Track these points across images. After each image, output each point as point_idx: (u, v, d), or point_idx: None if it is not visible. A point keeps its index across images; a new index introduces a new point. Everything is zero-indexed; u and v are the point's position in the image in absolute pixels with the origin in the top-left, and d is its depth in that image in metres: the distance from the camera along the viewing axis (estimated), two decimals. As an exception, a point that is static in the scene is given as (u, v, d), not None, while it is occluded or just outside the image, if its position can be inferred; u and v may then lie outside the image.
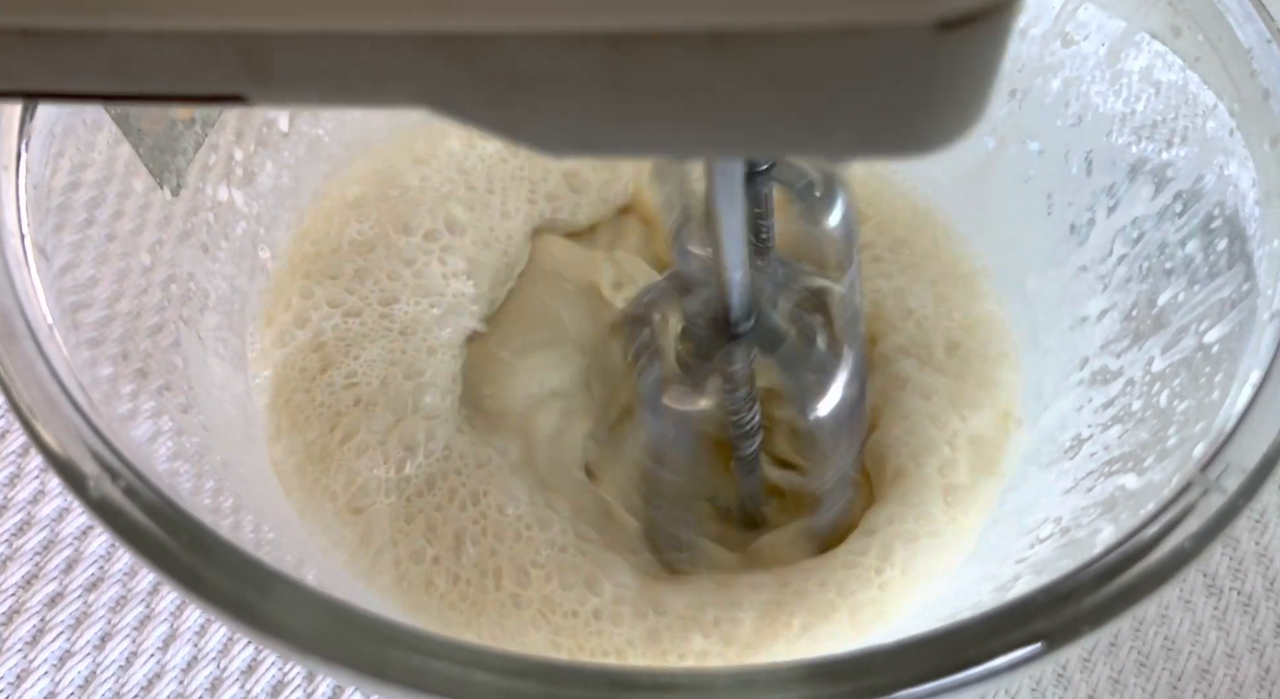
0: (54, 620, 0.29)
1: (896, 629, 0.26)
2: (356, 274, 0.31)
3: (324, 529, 0.27)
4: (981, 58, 0.11)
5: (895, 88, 0.11)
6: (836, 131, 0.12)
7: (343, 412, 0.28)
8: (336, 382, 0.29)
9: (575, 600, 0.26)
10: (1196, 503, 0.17)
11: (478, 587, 0.27)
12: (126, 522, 0.16)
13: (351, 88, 0.12)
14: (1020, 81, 0.31)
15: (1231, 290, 0.22)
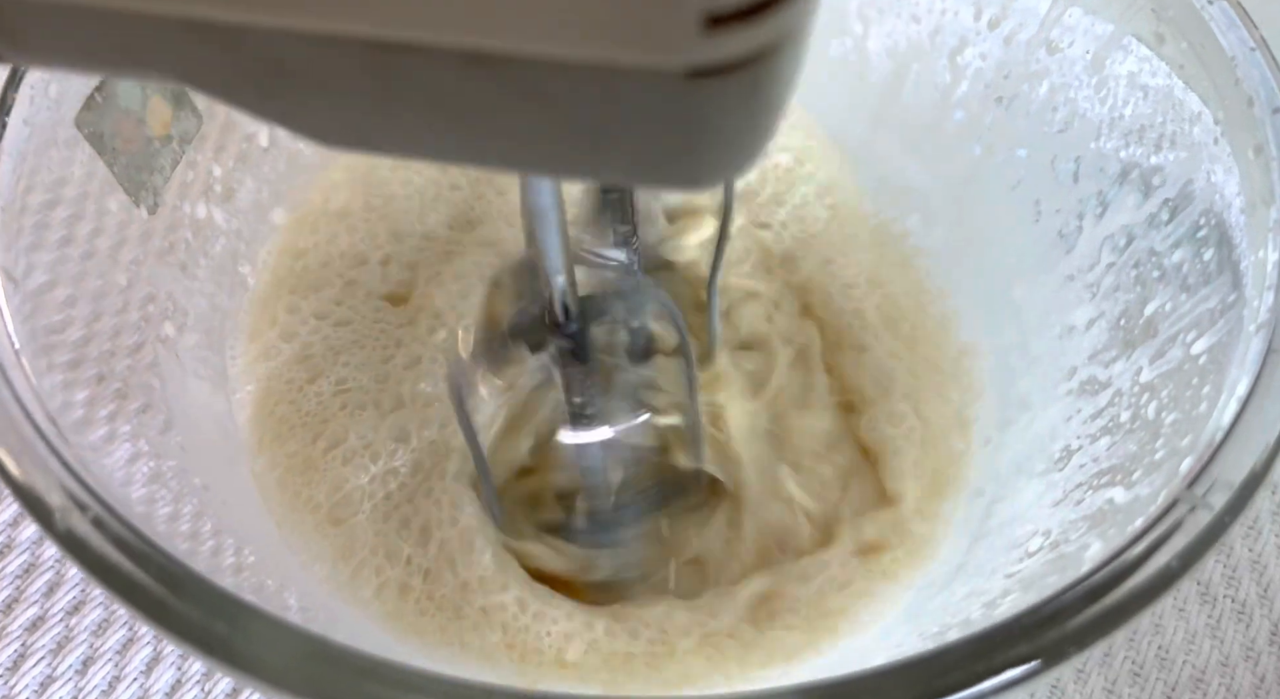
0: (35, 645, 0.29)
1: (884, 644, 0.25)
2: (349, 285, 0.31)
3: (304, 543, 0.27)
4: (744, 103, 0.11)
5: (657, 125, 0.11)
6: (604, 159, 0.12)
7: (329, 418, 0.28)
8: (325, 389, 0.29)
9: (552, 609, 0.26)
10: (1183, 520, 0.17)
11: (456, 594, 0.26)
12: (93, 555, 0.16)
13: (104, 59, 0.12)
14: (1006, 88, 0.31)
15: (1218, 300, 0.22)
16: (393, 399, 0.29)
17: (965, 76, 0.31)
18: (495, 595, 0.26)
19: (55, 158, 0.26)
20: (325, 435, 0.28)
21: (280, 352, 0.30)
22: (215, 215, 0.30)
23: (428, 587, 0.26)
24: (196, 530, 0.25)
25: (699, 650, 0.25)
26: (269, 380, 0.29)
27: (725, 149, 0.11)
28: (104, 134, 0.25)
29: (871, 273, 0.33)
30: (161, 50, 0.11)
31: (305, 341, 0.29)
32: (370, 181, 0.33)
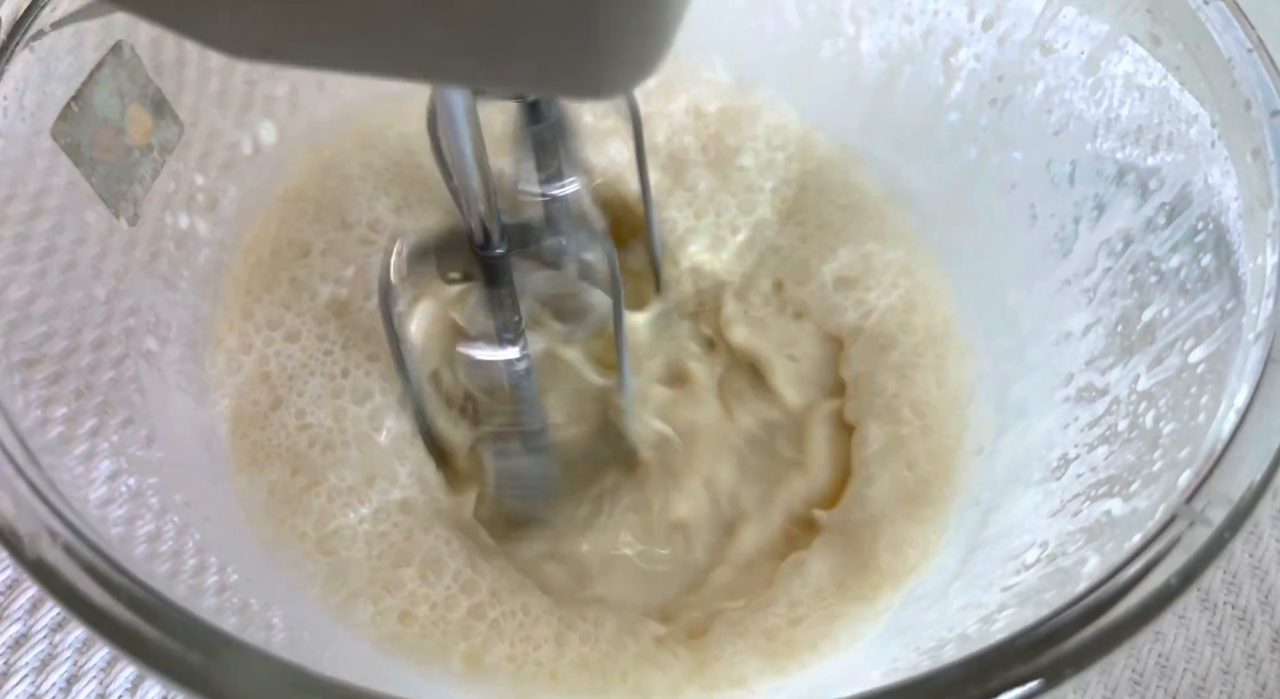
0: (18, 663, 0.29)
1: (879, 658, 0.25)
2: (293, 284, 0.30)
3: (294, 567, 0.26)
4: (643, 9, 0.11)
5: (555, 26, 0.11)
6: (512, 63, 0.12)
7: (300, 454, 0.27)
8: (288, 421, 0.28)
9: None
10: (1181, 536, 0.17)
11: (463, 617, 0.26)
12: (64, 583, 0.15)
13: None
14: (1001, 90, 0.30)
15: (1216, 307, 0.21)
16: (357, 439, 0.28)
17: (959, 78, 0.31)
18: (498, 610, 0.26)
19: (37, 168, 0.26)
20: (302, 471, 0.27)
21: (242, 365, 0.29)
22: (198, 225, 0.29)
23: (434, 614, 0.26)
24: (179, 548, 0.24)
25: (653, 659, 0.25)
26: (238, 398, 0.29)
27: (624, 53, 0.12)
28: (81, 144, 0.25)
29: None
30: None
31: (261, 355, 0.29)
32: (330, 164, 0.32)
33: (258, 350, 0.29)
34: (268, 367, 0.29)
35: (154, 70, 0.27)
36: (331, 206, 0.31)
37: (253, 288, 0.30)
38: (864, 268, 0.32)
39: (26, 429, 0.19)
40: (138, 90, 0.26)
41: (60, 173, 0.25)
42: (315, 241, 0.31)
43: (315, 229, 0.31)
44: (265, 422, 0.28)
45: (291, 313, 0.30)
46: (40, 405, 0.24)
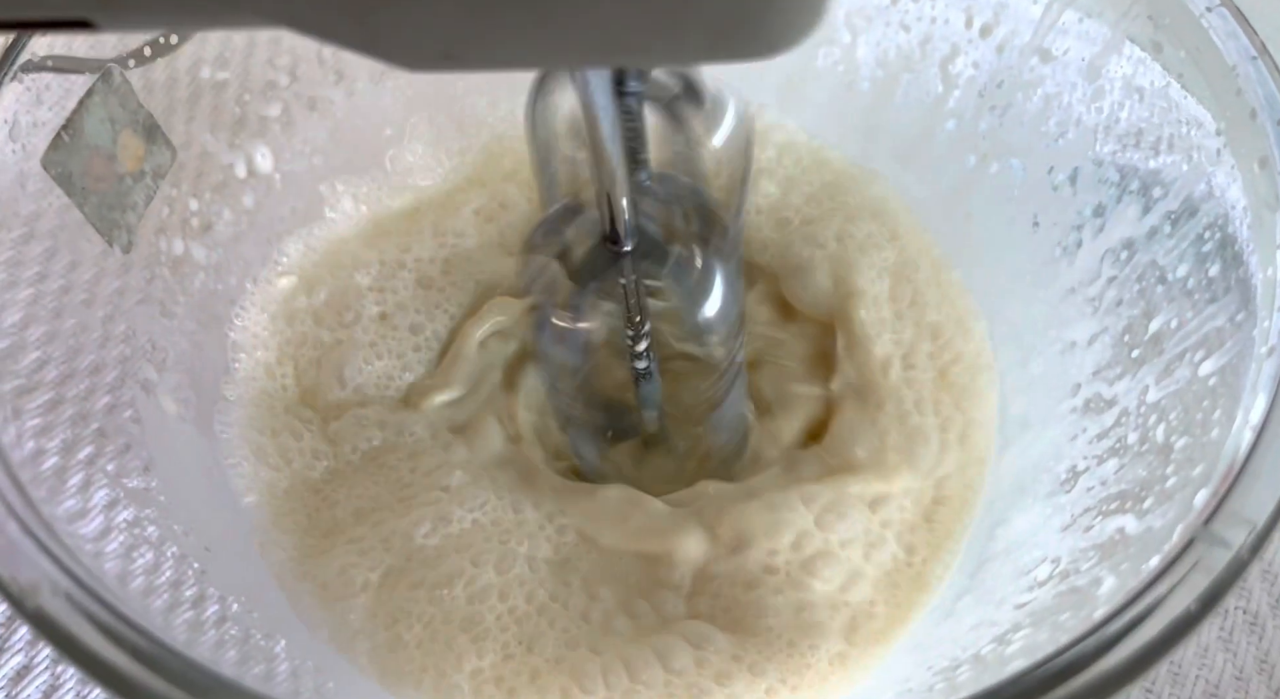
0: (21, 696, 0.28)
1: (891, 679, 0.25)
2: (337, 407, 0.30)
3: (305, 614, 0.26)
4: None
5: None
6: (689, 33, 0.12)
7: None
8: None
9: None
10: (1201, 559, 0.16)
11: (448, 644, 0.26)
12: (65, 635, 0.15)
13: (200, 6, 0.12)
14: (1000, 97, 0.30)
15: (1226, 319, 0.21)
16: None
17: (957, 85, 0.31)
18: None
19: (29, 196, 0.25)
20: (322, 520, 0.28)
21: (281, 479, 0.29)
22: (193, 250, 0.29)
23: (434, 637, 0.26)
24: (179, 579, 0.24)
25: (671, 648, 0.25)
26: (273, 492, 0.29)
27: (798, 6, 0.12)
28: (73, 174, 0.24)
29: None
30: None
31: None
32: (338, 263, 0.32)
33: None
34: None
35: (144, 94, 0.27)
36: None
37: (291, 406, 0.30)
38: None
39: (20, 462, 0.19)
40: (129, 116, 0.26)
41: (52, 201, 0.25)
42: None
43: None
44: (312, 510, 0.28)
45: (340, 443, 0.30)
46: (35, 435, 0.24)
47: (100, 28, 0.12)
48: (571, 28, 0.12)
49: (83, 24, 0.12)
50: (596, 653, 0.25)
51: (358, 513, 0.27)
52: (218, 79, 0.30)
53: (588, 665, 0.25)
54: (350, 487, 0.28)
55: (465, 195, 0.33)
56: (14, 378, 0.25)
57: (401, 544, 0.27)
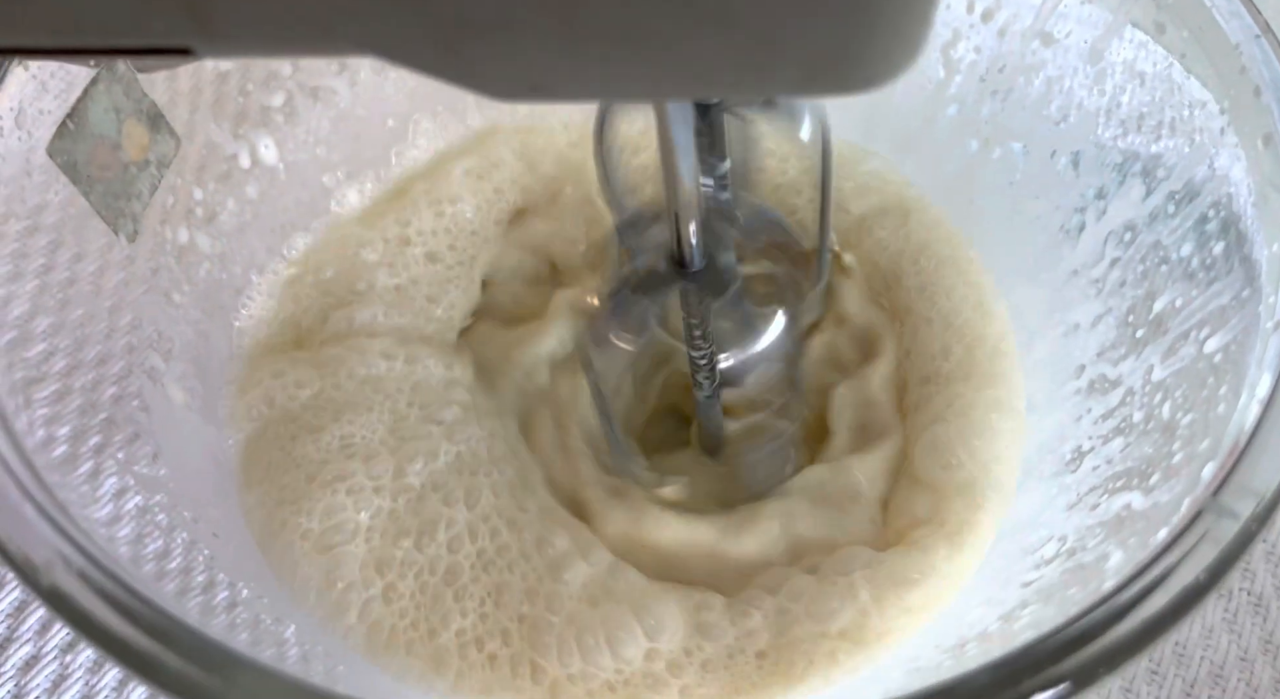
0: (30, 686, 0.28)
1: (899, 657, 0.25)
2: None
3: (292, 570, 0.26)
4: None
5: (836, 20, 0.11)
6: (783, 69, 0.12)
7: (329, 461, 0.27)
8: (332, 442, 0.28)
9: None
10: (1209, 531, 0.16)
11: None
12: (79, 611, 0.15)
13: (297, 37, 0.12)
14: (1002, 82, 0.30)
15: (1231, 296, 0.21)
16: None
17: (959, 70, 0.31)
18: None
19: (34, 185, 0.25)
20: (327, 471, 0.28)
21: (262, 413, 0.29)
22: (198, 240, 0.29)
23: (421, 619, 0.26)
24: (188, 566, 0.24)
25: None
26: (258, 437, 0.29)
27: (898, 41, 0.12)
28: (78, 162, 0.24)
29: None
30: (350, 19, 0.11)
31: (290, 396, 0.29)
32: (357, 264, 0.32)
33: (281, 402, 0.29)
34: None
35: (147, 83, 0.27)
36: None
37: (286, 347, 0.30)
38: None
39: (32, 449, 0.19)
40: (133, 105, 0.26)
41: (58, 190, 0.25)
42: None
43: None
44: (290, 445, 0.28)
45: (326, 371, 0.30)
46: (44, 424, 0.24)
47: (199, 56, 0.12)
48: (662, 63, 0.12)
49: (181, 52, 0.12)
50: (552, 612, 0.25)
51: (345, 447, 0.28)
52: (220, 69, 0.30)
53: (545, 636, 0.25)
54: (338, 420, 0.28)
55: (454, 161, 0.33)
56: (23, 368, 0.25)
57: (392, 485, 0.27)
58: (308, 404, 0.28)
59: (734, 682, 0.24)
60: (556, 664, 0.24)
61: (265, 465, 0.27)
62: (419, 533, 0.26)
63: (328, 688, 0.15)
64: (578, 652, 0.24)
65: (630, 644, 0.24)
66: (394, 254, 0.32)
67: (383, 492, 0.26)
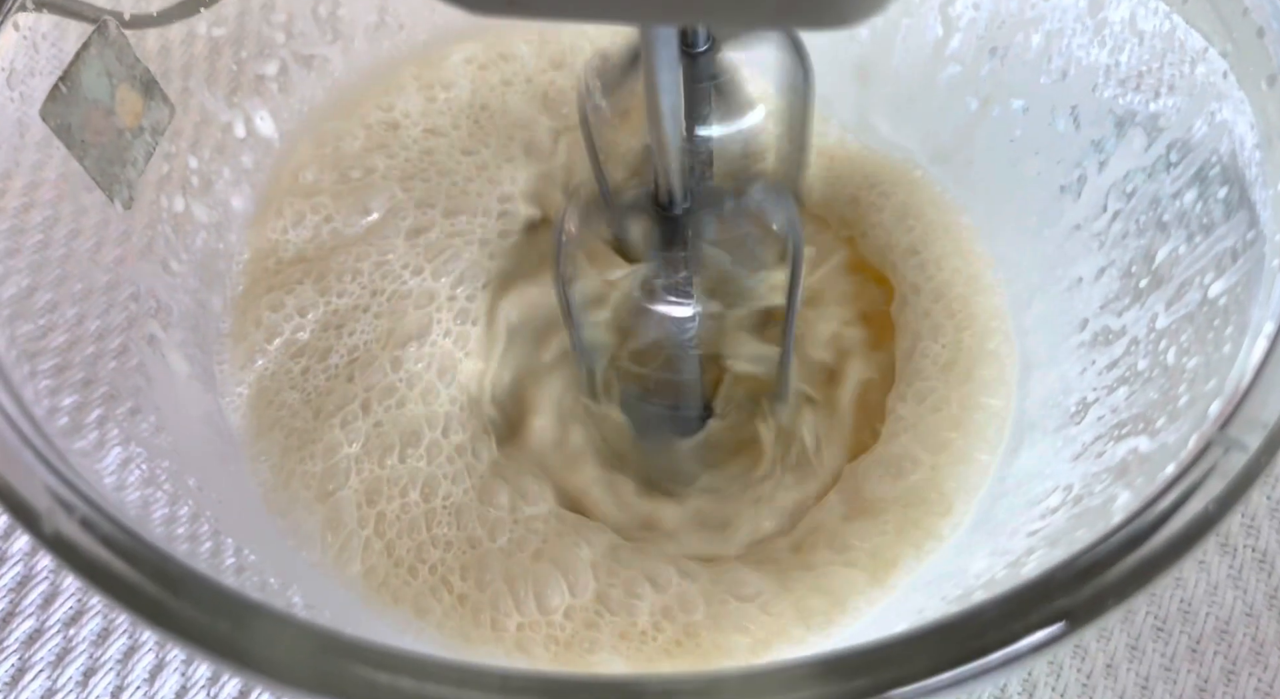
0: (34, 659, 0.28)
1: (904, 610, 0.25)
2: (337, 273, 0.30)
3: (296, 523, 0.26)
4: None
5: None
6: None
7: (332, 390, 0.27)
8: (329, 366, 0.28)
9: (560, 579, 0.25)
10: (1218, 463, 0.16)
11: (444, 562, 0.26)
12: (85, 558, 0.15)
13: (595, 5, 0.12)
14: (1000, 38, 0.30)
15: (1235, 239, 0.21)
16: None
17: (958, 28, 0.31)
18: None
19: (27, 161, 0.25)
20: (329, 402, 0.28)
21: (265, 351, 0.29)
22: (194, 209, 0.29)
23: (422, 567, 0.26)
24: (194, 533, 0.24)
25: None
26: (261, 379, 0.28)
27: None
28: (72, 126, 0.24)
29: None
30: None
31: (296, 329, 0.29)
32: (339, 157, 0.31)
33: (288, 335, 0.29)
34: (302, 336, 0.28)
35: (140, 50, 0.27)
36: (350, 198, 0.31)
37: (275, 286, 0.30)
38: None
39: (39, 417, 0.19)
40: (125, 70, 0.26)
41: (54, 157, 0.25)
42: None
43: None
44: (297, 382, 0.28)
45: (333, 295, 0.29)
46: (48, 395, 0.24)
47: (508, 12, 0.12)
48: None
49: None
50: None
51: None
52: (214, 36, 0.30)
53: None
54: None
55: (455, 46, 0.33)
56: (25, 340, 0.24)
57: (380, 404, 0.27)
58: (316, 328, 0.28)
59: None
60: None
61: (275, 411, 0.27)
62: (402, 446, 0.26)
63: (336, 628, 0.15)
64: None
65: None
66: (382, 136, 0.31)
67: (371, 409, 0.26)
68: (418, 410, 0.27)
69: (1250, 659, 0.30)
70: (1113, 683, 0.29)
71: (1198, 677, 0.29)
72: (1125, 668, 0.29)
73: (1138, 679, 0.29)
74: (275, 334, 0.28)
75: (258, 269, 0.30)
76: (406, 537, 0.26)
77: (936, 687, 0.15)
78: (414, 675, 0.15)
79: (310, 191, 0.30)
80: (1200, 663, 0.30)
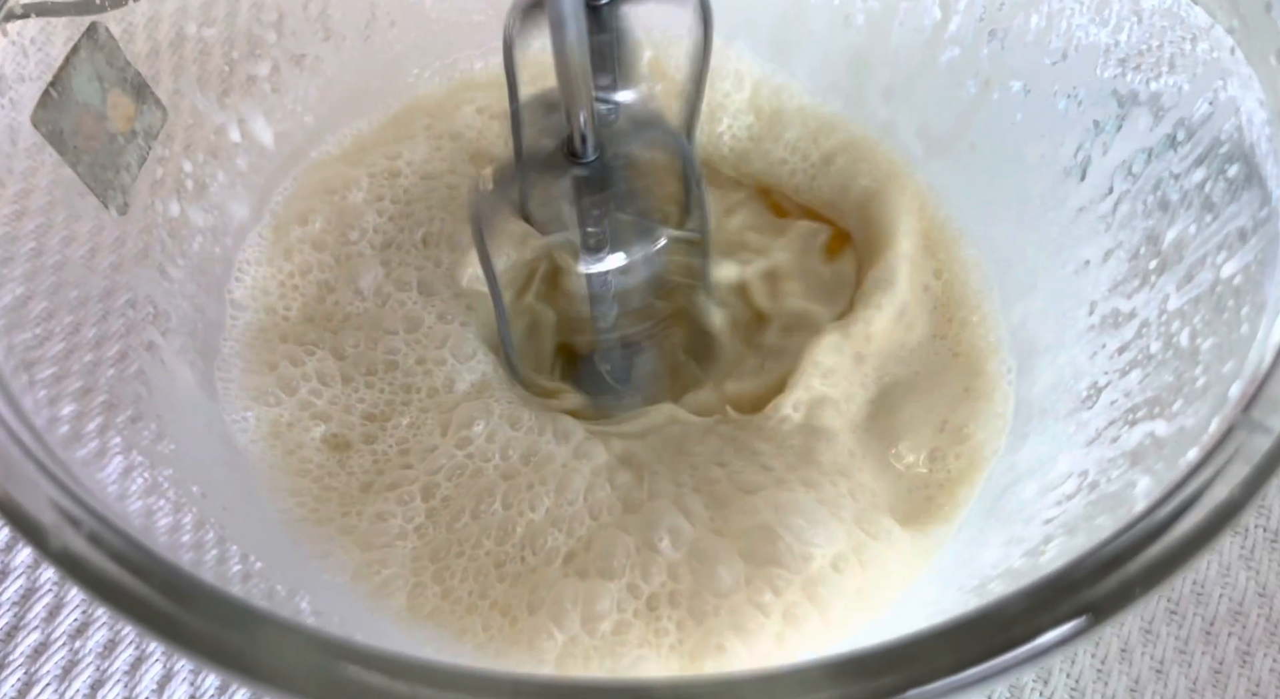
0: (40, 672, 0.28)
1: (921, 602, 0.25)
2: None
3: (325, 556, 0.26)
4: None
5: None
6: None
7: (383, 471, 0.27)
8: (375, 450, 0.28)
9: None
10: (1241, 447, 0.16)
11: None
12: (93, 572, 0.15)
13: None
14: (1000, 20, 0.30)
15: (1247, 217, 0.21)
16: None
17: (956, 11, 0.30)
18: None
19: (18, 168, 0.25)
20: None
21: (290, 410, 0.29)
22: (190, 213, 0.29)
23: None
24: (200, 540, 0.24)
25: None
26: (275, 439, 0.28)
27: None
28: (64, 131, 0.24)
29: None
30: None
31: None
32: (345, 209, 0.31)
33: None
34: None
35: (130, 54, 0.26)
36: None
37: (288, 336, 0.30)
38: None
39: (40, 427, 0.19)
40: (116, 74, 0.26)
41: (46, 163, 0.25)
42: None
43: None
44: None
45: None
46: (47, 404, 0.23)
47: None
48: None
49: None
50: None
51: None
52: (204, 37, 0.29)
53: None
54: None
55: (464, 94, 0.33)
56: (22, 350, 0.24)
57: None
58: (334, 401, 0.28)
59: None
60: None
61: (298, 462, 0.27)
62: (475, 505, 0.26)
63: (347, 637, 0.15)
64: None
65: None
66: (382, 187, 0.31)
67: (438, 489, 0.26)
68: (492, 477, 0.27)
69: (1265, 640, 0.29)
70: (1127, 668, 0.29)
71: (1212, 659, 0.29)
72: (1140, 652, 0.29)
73: (1152, 663, 0.29)
74: (293, 390, 0.28)
75: (265, 312, 0.30)
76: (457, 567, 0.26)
77: (960, 684, 0.15)
78: (426, 682, 0.15)
79: (318, 243, 0.30)
80: (1215, 645, 0.29)
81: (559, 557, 0.25)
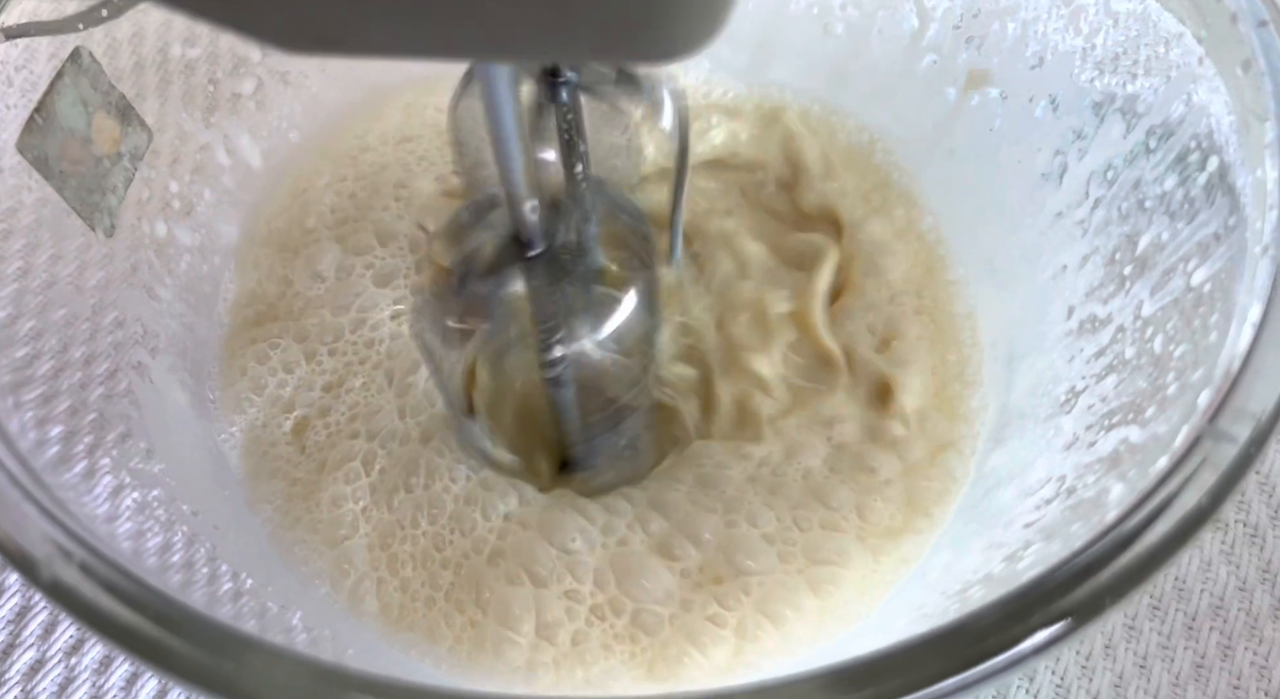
0: (36, 690, 0.28)
1: (903, 605, 0.25)
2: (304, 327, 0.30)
3: (303, 563, 0.26)
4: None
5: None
6: (577, 34, 0.12)
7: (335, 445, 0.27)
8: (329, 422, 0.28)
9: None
10: (1209, 456, 0.16)
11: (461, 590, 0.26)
12: (84, 603, 0.15)
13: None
14: (977, 28, 0.30)
15: (1217, 225, 0.21)
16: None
17: (934, 19, 0.31)
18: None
19: (3, 188, 0.25)
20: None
21: (252, 402, 0.29)
22: (176, 232, 0.29)
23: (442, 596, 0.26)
24: (190, 559, 0.24)
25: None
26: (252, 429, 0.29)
27: (691, 12, 0.12)
28: (49, 157, 0.24)
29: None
30: None
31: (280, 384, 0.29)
32: (307, 201, 0.31)
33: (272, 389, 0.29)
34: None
35: (113, 74, 0.27)
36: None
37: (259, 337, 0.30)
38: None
39: (26, 451, 0.19)
40: (101, 97, 0.26)
41: (31, 188, 0.25)
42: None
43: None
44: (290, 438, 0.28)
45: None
46: (35, 426, 0.24)
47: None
48: (449, 20, 0.11)
49: None
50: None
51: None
52: (188, 57, 0.29)
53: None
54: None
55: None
56: (9, 371, 0.24)
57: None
58: (300, 384, 0.28)
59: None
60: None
61: (270, 461, 0.27)
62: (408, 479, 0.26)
63: (339, 663, 0.15)
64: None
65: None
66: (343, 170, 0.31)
67: (372, 462, 0.27)
68: (415, 446, 0.27)
69: (1245, 633, 0.30)
70: (1111, 663, 0.30)
71: (1194, 653, 0.30)
72: (1124, 647, 0.30)
73: (1135, 658, 0.30)
74: (261, 388, 0.29)
75: (241, 315, 0.30)
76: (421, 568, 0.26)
77: (942, 693, 0.15)
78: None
79: (282, 244, 0.31)
80: (1197, 639, 0.30)
81: (486, 548, 0.26)
